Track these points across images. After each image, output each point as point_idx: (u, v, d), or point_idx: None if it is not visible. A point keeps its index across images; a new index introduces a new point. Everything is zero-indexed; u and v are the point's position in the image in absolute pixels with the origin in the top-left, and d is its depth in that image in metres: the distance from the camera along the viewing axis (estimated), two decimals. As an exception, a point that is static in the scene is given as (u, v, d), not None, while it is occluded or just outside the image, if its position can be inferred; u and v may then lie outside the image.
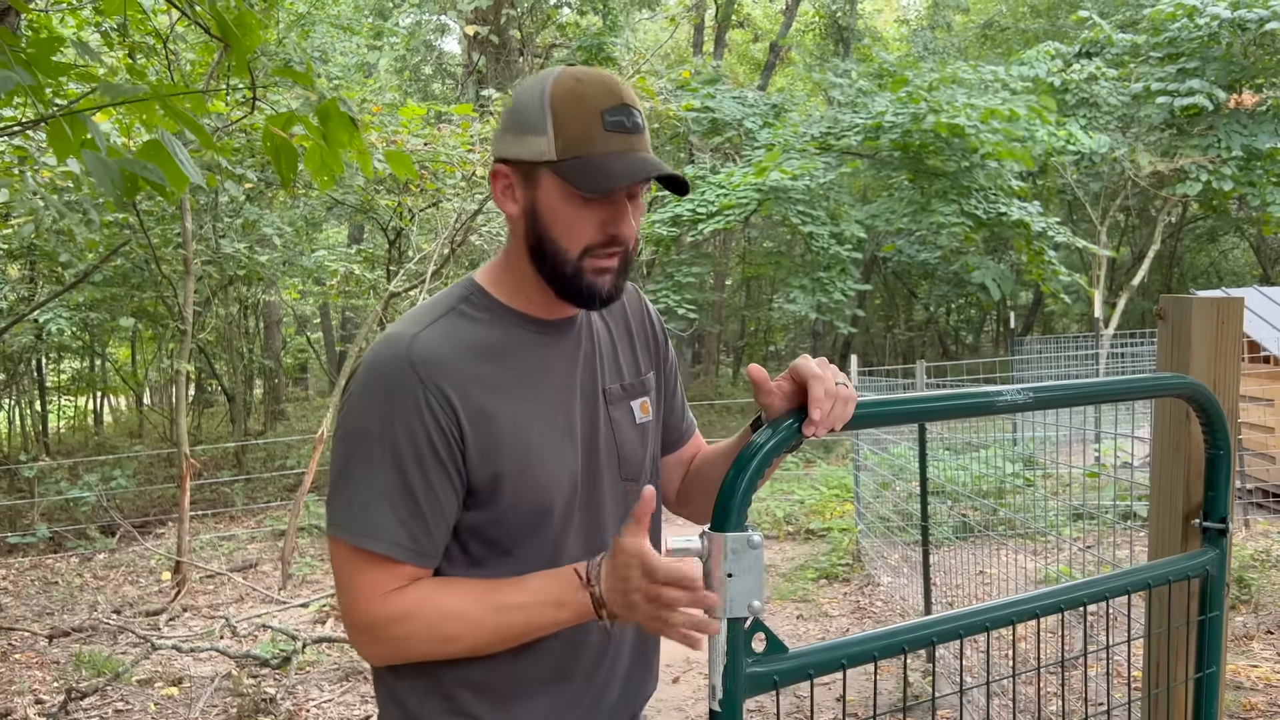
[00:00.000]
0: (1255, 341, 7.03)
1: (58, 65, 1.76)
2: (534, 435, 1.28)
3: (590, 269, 1.26)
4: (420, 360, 1.22)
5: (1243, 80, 13.55)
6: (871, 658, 1.15)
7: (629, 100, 1.24)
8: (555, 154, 1.22)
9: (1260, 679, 4.17)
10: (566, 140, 1.22)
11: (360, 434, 1.24)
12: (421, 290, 7.71)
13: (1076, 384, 1.38)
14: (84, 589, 7.05)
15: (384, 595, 1.22)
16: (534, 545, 1.29)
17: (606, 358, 1.41)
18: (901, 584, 5.89)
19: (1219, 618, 1.47)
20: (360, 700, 4.59)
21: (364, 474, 1.23)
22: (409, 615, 1.22)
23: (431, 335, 1.25)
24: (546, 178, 1.24)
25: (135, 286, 10.65)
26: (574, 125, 1.21)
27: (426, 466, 1.22)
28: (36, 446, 12.41)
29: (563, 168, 1.22)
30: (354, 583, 1.23)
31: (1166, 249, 19.01)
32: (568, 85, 1.23)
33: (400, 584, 1.23)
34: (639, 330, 1.49)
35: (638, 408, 1.42)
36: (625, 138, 1.22)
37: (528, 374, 1.30)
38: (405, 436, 1.21)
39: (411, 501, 1.22)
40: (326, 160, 2.05)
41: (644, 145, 1.25)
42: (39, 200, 5.87)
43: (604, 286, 1.27)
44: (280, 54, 10.50)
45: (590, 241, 1.25)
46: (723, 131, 14.14)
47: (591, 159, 1.21)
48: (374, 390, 1.24)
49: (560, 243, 1.25)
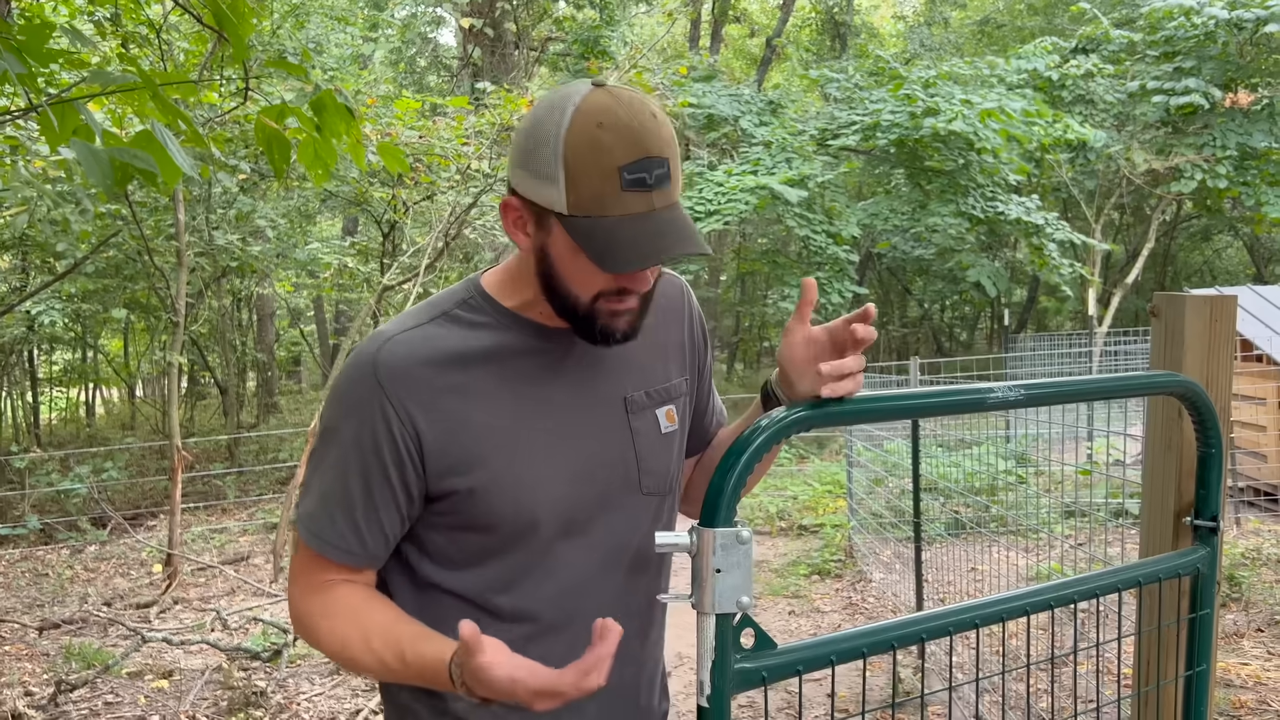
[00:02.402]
0: (1248, 340, 7.05)
1: (49, 52, 1.74)
2: (519, 445, 1.24)
3: (604, 312, 1.21)
4: (386, 367, 1.21)
5: (1238, 80, 13.59)
6: (861, 654, 1.15)
7: (654, 151, 1.12)
8: (566, 208, 1.13)
9: (1250, 677, 4.19)
10: (579, 197, 1.12)
11: (322, 431, 1.27)
12: (415, 283, 7.69)
13: (1070, 381, 1.38)
14: (74, 581, 7.04)
15: (315, 587, 1.27)
16: (523, 557, 1.26)
17: (630, 363, 1.33)
18: (893, 580, 5.90)
19: (1210, 615, 1.47)
20: (351, 694, 4.58)
21: (318, 470, 1.27)
22: (327, 615, 1.26)
23: (411, 339, 1.23)
24: (557, 228, 1.16)
25: (128, 278, 10.61)
26: (588, 183, 1.11)
27: (370, 475, 1.22)
28: (28, 438, 12.38)
29: (574, 225, 1.13)
30: (295, 569, 1.31)
31: (1160, 247, 19.05)
32: (587, 133, 1.11)
33: (332, 578, 1.27)
34: (675, 330, 1.41)
35: (663, 416, 1.35)
36: (645, 197, 1.12)
37: (522, 382, 1.25)
38: (353, 443, 1.22)
39: (349, 507, 1.23)
40: (320, 153, 2.03)
41: (667, 200, 1.14)
42: (32, 190, 5.85)
43: (619, 329, 1.22)
44: (274, 45, 10.45)
45: (603, 289, 1.19)
46: (719, 128, 14.13)
47: (605, 222, 1.12)
48: (339, 391, 1.25)
49: (572, 288, 1.19)
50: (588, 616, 1.25)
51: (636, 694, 1.39)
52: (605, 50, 13.84)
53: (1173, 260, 21.09)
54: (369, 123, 6.53)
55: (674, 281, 1.43)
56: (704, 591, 1.06)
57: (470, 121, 7.13)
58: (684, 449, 1.43)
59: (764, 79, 19.02)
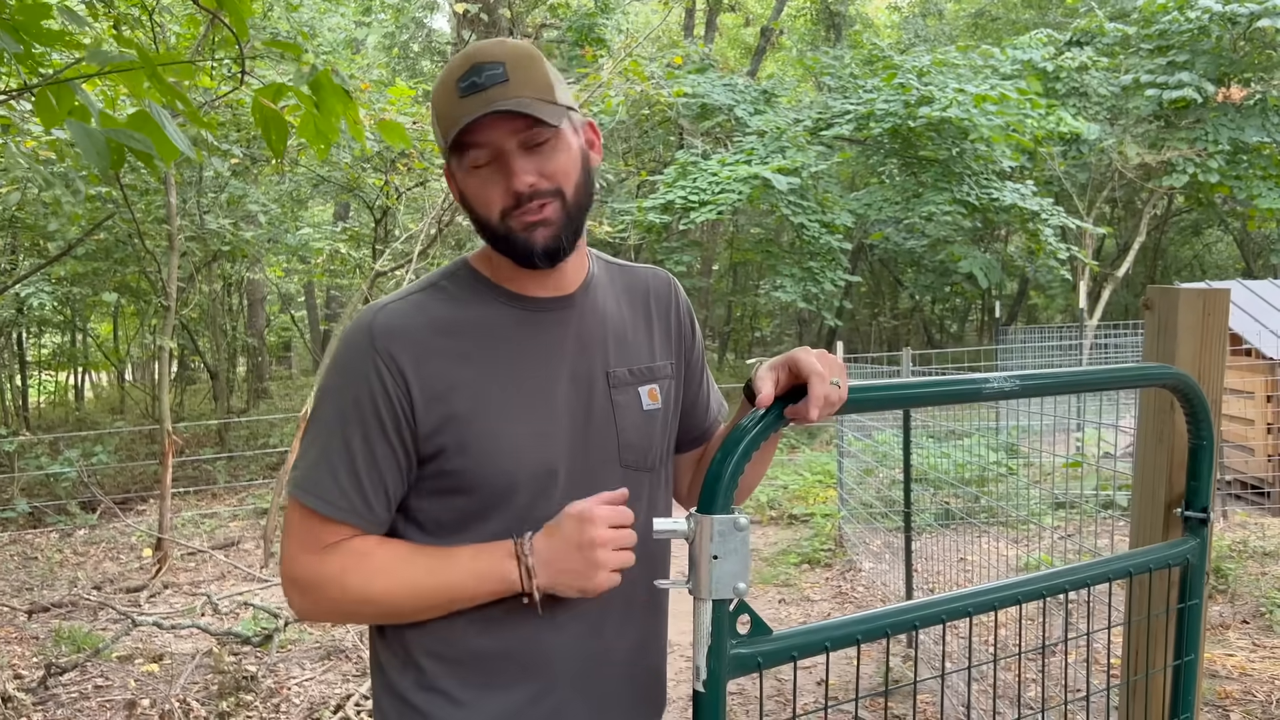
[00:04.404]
0: (1237, 334, 7.09)
1: (47, 33, 1.73)
2: (500, 410, 1.27)
3: (516, 227, 1.25)
4: (380, 329, 1.25)
5: (1231, 74, 13.61)
6: (855, 641, 1.16)
7: (481, 59, 1.22)
8: (443, 137, 1.25)
9: (1235, 667, 4.23)
10: (439, 120, 1.25)
11: (321, 395, 1.29)
12: (408, 270, 7.67)
13: (1064, 372, 1.38)
14: (64, 565, 7.02)
15: (318, 551, 1.25)
16: (503, 522, 1.27)
17: (615, 340, 1.38)
18: (883, 570, 5.93)
19: (1199, 606, 1.49)
20: (341, 679, 4.59)
21: (318, 434, 1.27)
22: (342, 569, 1.24)
23: (402, 306, 1.29)
24: (450, 161, 1.28)
25: (118, 261, 10.55)
26: (440, 104, 1.24)
27: (370, 431, 1.24)
28: (16, 421, 12.32)
29: (446, 146, 1.25)
30: (292, 535, 1.27)
31: (1151, 241, 19.11)
32: (441, 73, 1.26)
33: (335, 540, 1.25)
34: (662, 317, 1.47)
35: (645, 394, 1.39)
36: (479, 96, 1.21)
37: (504, 350, 1.29)
38: (352, 401, 1.25)
39: (351, 463, 1.24)
40: (321, 128, 2.02)
41: (504, 94, 1.21)
42: (24, 170, 5.80)
43: (538, 241, 1.25)
44: (267, 27, 10.38)
45: (502, 205, 1.25)
46: (712, 116, 14.10)
47: (451, 129, 1.22)
48: (337, 358, 1.28)
49: (480, 213, 1.27)
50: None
51: (619, 670, 1.38)
52: (600, 38, 13.79)
53: (1163, 254, 21.17)
54: (363, 107, 6.49)
55: (662, 276, 1.50)
56: (701, 577, 1.07)
57: (464, 108, 7.09)
58: (673, 433, 1.46)
59: (758, 68, 18.98)
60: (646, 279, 1.48)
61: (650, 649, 1.43)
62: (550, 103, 1.23)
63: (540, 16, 14.48)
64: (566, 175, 1.26)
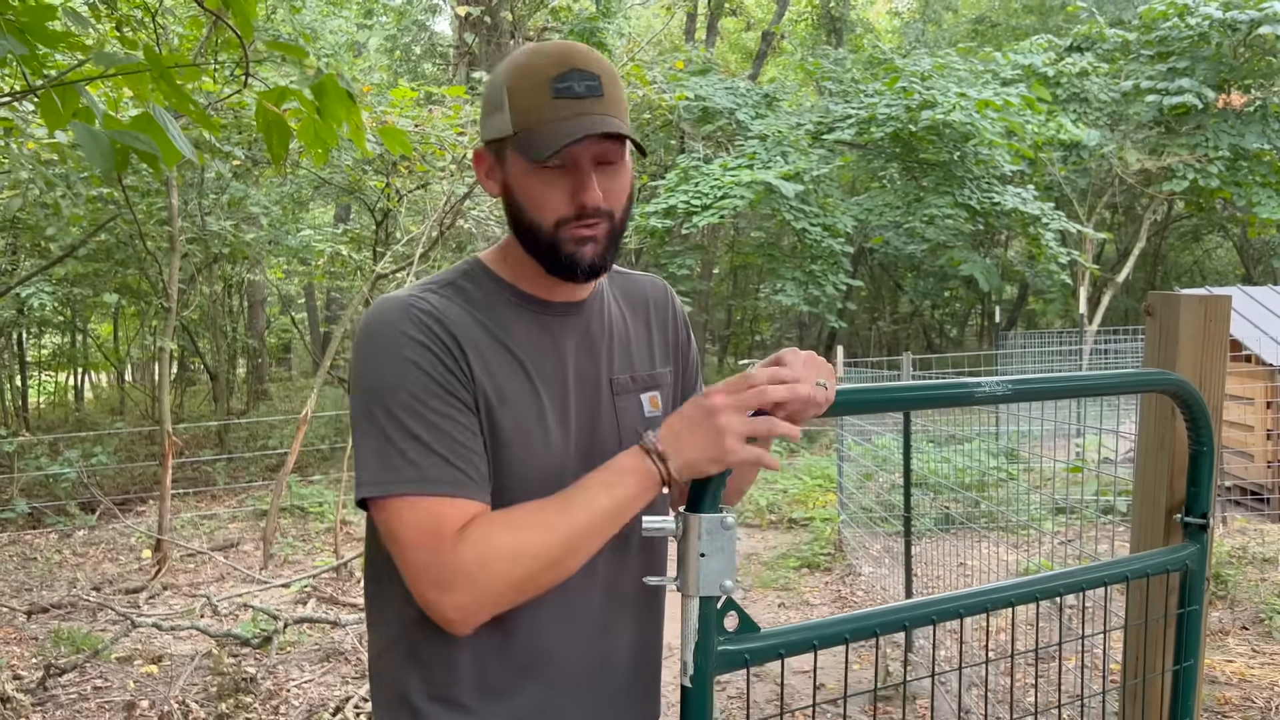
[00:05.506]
0: (1237, 340, 7.10)
1: (52, 34, 1.74)
2: (522, 404, 1.26)
3: (568, 239, 1.24)
4: (425, 311, 1.22)
5: (1231, 81, 13.63)
6: (843, 640, 1.16)
7: (579, 65, 1.21)
8: (512, 126, 1.22)
9: (1235, 674, 4.23)
10: (519, 113, 1.22)
11: (371, 389, 1.20)
12: (409, 273, 7.67)
13: (1065, 377, 1.39)
14: (63, 565, 7.02)
15: (451, 541, 1.15)
16: None
17: (618, 347, 1.40)
18: (883, 574, 5.92)
19: (1198, 611, 1.49)
20: (341, 681, 4.59)
21: (385, 425, 1.19)
22: (489, 542, 1.15)
23: (430, 297, 1.26)
24: (510, 153, 1.25)
25: (119, 262, 10.55)
26: (524, 97, 1.21)
27: (448, 403, 1.19)
28: (16, 422, 12.32)
29: (518, 140, 1.22)
30: (411, 544, 1.16)
31: (1151, 247, 19.12)
32: (522, 60, 1.24)
33: (460, 525, 1.16)
34: (660, 325, 1.48)
35: (647, 401, 1.40)
36: (575, 103, 1.20)
37: (521, 351, 1.29)
38: (418, 380, 1.19)
39: (444, 438, 1.18)
40: (320, 133, 2.03)
41: (600, 109, 1.21)
42: (27, 172, 5.81)
43: (585, 257, 1.25)
44: (269, 30, 10.40)
45: (562, 214, 1.23)
46: (714, 120, 14.11)
47: (540, 129, 1.20)
48: (378, 346, 1.21)
49: (533, 216, 1.25)
50: (571, 591, 1.26)
51: (620, 674, 1.38)
52: (602, 42, 13.80)
53: (1163, 260, 21.18)
54: (365, 109, 6.50)
55: (660, 285, 1.52)
56: (688, 575, 1.08)
57: (466, 111, 7.10)
58: None
59: (759, 73, 19.00)
60: (646, 288, 1.50)
61: (651, 653, 1.44)
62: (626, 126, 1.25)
63: (542, 20, 14.50)
64: (619, 199, 1.27)
